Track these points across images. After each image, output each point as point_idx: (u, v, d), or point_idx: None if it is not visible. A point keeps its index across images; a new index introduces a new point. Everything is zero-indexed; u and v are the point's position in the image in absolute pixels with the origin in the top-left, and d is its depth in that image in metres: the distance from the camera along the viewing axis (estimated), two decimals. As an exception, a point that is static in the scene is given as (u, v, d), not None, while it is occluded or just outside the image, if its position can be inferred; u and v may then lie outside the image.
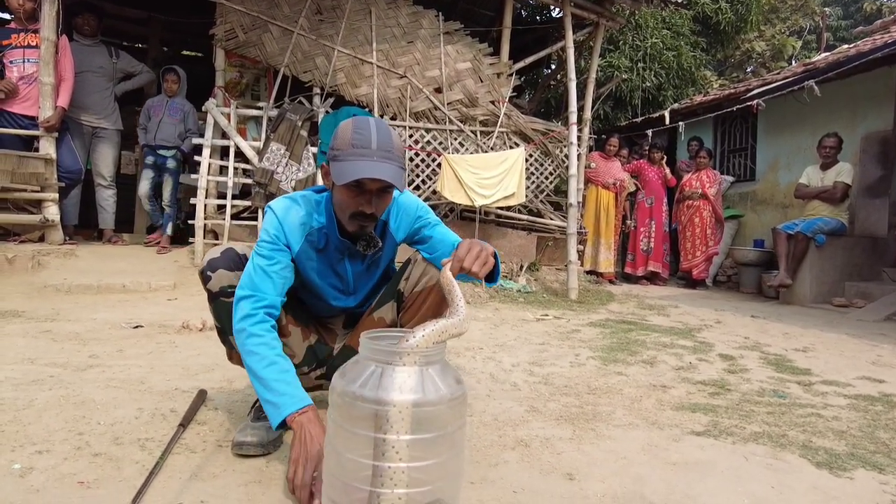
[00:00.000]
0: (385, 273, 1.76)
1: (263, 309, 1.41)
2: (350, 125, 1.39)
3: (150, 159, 4.96)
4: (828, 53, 7.69)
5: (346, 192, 1.40)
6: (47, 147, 4.28)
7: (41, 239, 4.37)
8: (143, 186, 4.97)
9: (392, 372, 0.99)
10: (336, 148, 1.38)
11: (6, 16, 5.56)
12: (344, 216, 1.47)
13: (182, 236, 5.13)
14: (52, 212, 4.29)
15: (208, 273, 1.50)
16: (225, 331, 1.53)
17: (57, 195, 4.32)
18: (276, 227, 1.49)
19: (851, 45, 7.16)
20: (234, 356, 1.58)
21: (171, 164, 4.98)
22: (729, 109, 7.13)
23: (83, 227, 5.20)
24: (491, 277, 1.49)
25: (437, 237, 1.64)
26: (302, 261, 1.55)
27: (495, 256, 1.42)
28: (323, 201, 1.56)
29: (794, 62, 13.38)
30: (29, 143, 4.35)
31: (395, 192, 1.54)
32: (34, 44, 4.31)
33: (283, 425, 1.31)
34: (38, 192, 4.24)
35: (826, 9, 16.64)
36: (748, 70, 14.47)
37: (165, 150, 4.95)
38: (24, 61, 4.35)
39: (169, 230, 5.01)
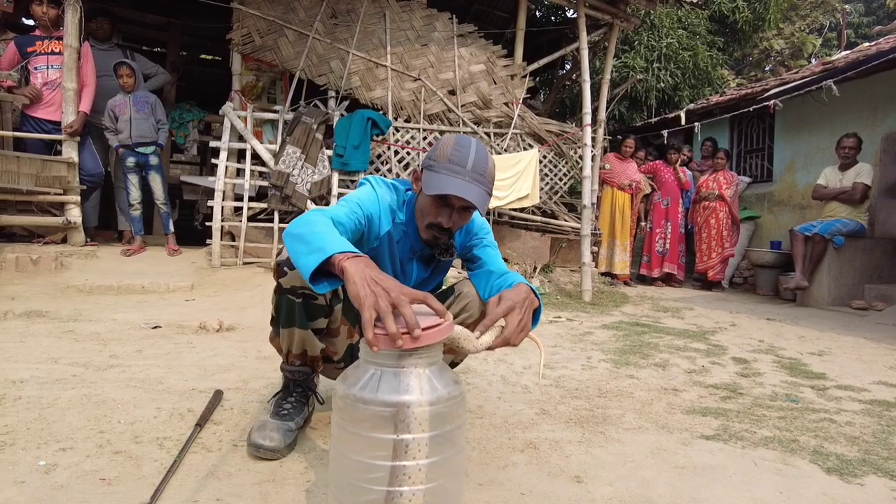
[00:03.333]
0: (439, 284, 1.80)
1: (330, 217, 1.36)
2: (452, 140, 1.45)
3: (131, 161, 4.69)
4: (848, 52, 7.56)
5: (431, 202, 1.45)
6: (70, 151, 4.39)
7: (64, 240, 4.48)
8: (135, 192, 4.72)
9: (396, 374, 1.02)
10: (433, 159, 1.44)
11: (31, 23, 5.69)
12: (422, 223, 1.52)
13: (198, 237, 5.21)
14: (75, 214, 4.40)
15: (285, 269, 1.45)
16: (278, 321, 1.53)
17: (79, 198, 4.43)
18: (374, 204, 1.53)
19: (872, 44, 7.04)
20: (276, 341, 1.61)
21: (153, 160, 4.78)
22: (746, 110, 7.05)
23: (103, 228, 5.30)
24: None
25: (486, 258, 1.69)
26: (383, 243, 1.57)
27: (537, 308, 1.40)
28: (408, 201, 1.62)
29: (814, 60, 13.17)
30: (52, 147, 4.46)
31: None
32: (57, 50, 4.43)
33: (327, 264, 1.13)
34: (61, 194, 4.35)
35: (847, 6, 16.35)
36: (767, 68, 14.28)
37: (145, 146, 4.70)
38: (47, 67, 4.48)
39: (171, 228, 4.91)
